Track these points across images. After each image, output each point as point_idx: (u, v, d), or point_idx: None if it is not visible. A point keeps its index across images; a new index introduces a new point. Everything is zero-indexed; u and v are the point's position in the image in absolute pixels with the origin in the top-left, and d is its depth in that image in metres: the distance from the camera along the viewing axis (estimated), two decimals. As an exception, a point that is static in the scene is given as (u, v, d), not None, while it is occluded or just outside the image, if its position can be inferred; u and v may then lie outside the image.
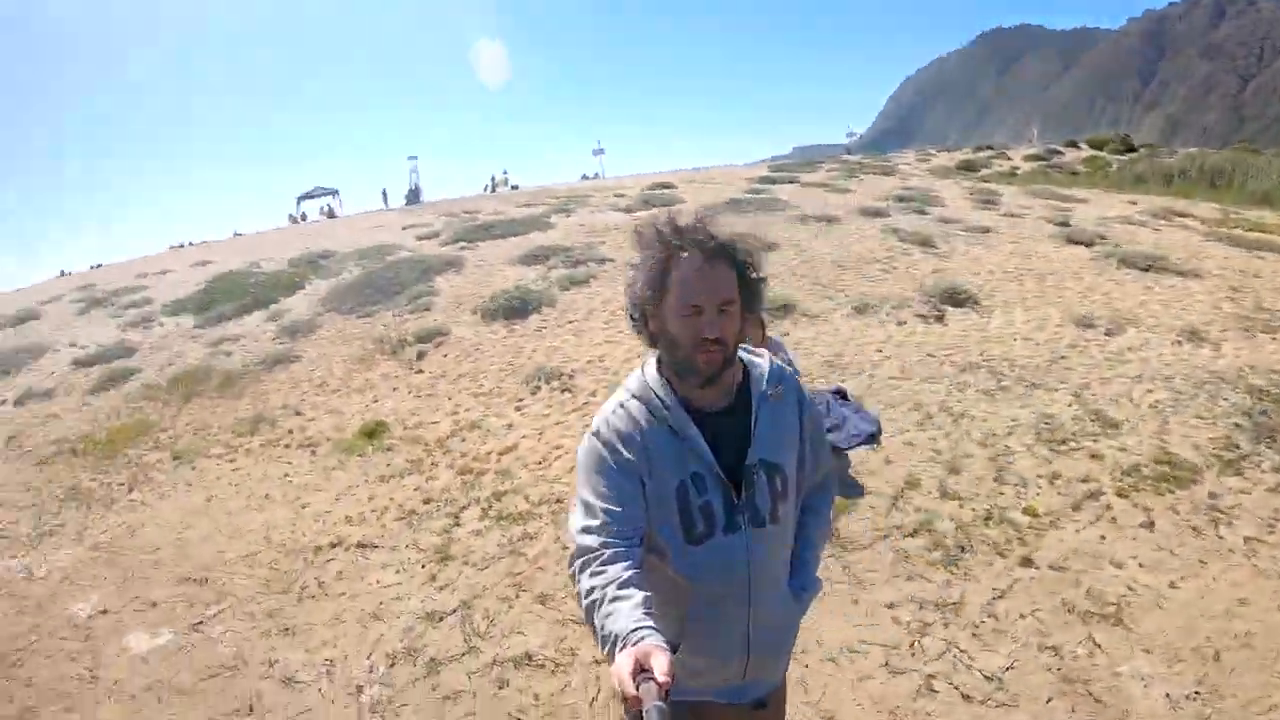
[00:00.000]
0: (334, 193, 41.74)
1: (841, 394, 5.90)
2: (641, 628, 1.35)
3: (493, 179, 38.53)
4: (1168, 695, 3.32)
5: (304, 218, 38.75)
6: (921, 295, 7.67)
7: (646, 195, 16.83)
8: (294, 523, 6.21)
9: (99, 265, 29.37)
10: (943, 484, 4.87)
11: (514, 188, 34.36)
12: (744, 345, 1.82)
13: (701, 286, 1.63)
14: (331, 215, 36.93)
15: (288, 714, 4.05)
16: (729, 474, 1.72)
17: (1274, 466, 5.08)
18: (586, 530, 1.60)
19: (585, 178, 37.33)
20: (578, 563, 1.57)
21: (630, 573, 1.50)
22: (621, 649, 1.31)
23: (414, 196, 37.51)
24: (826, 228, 11.56)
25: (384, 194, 40.32)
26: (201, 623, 5.09)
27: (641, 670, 1.24)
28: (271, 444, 7.91)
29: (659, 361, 1.78)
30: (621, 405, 1.75)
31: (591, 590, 1.49)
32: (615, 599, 1.44)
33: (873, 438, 5.36)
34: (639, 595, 1.45)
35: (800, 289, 8.31)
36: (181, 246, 32.36)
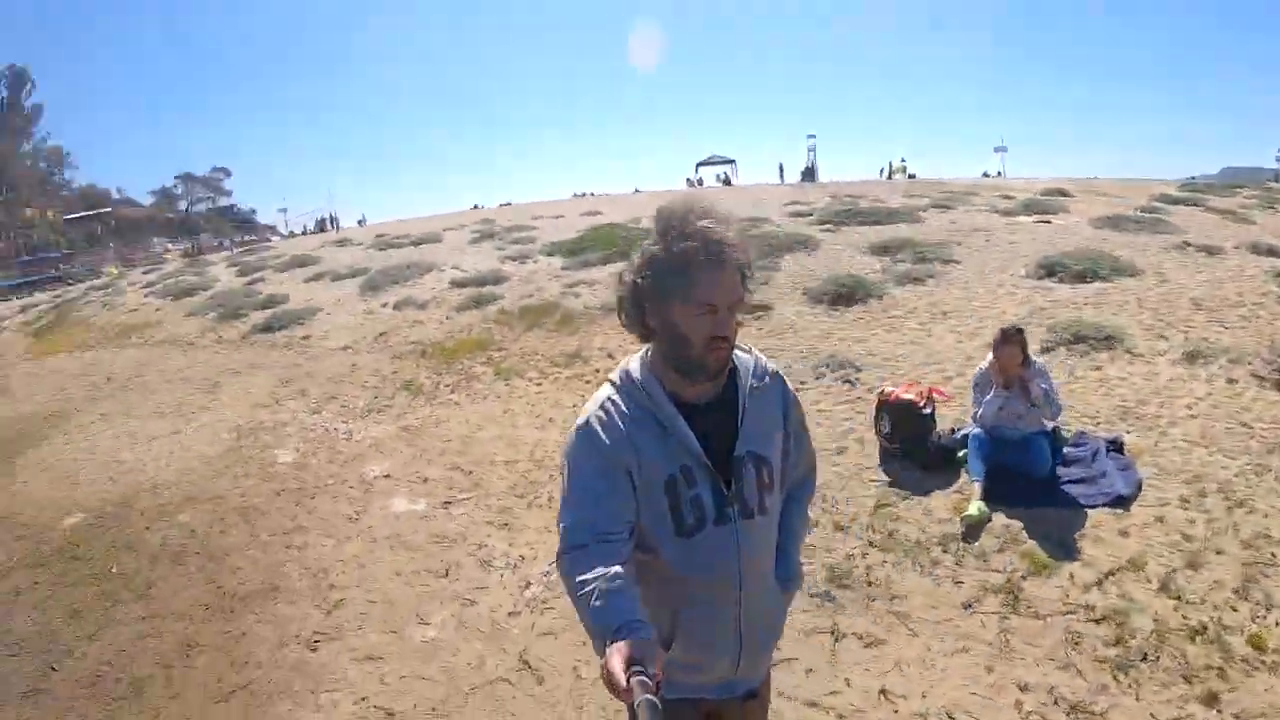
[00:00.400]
0: (731, 162, 44.36)
1: (1117, 446, 5.40)
2: (633, 621, 1.43)
3: (890, 165, 38.29)
4: None
5: (700, 183, 41.62)
6: (1270, 352, 6.55)
7: (1032, 200, 15.88)
8: (559, 443, 7.11)
9: (507, 204, 33.96)
10: (1169, 577, 4.18)
11: (911, 176, 33.69)
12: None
13: (718, 286, 1.69)
14: (727, 183, 39.21)
15: (468, 585, 4.92)
16: (717, 467, 1.78)
17: None
18: (575, 525, 1.67)
19: (985, 175, 35.52)
20: (566, 558, 1.65)
21: (620, 567, 1.57)
22: (612, 642, 1.37)
23: (809, 175, 38.48)
24: (1204, 260, 10.18)
25: (780, 168, 42.08)
26: (450, 502, 6.16)
27: (633, 663, 1.30)
28: (576, 377, 8.97)
29: (645, 356, 1.84)
30: (609, 399, 1.81)
31: (581, 584, 1.55)
32: (605, 593, 1.50)
33: (1122, 501, 4.81)
34: (629, 589, 1.53)
35: (1138, 322, 7.48)
36: (583, 195, 36.49)
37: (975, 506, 4.85)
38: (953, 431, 5.80)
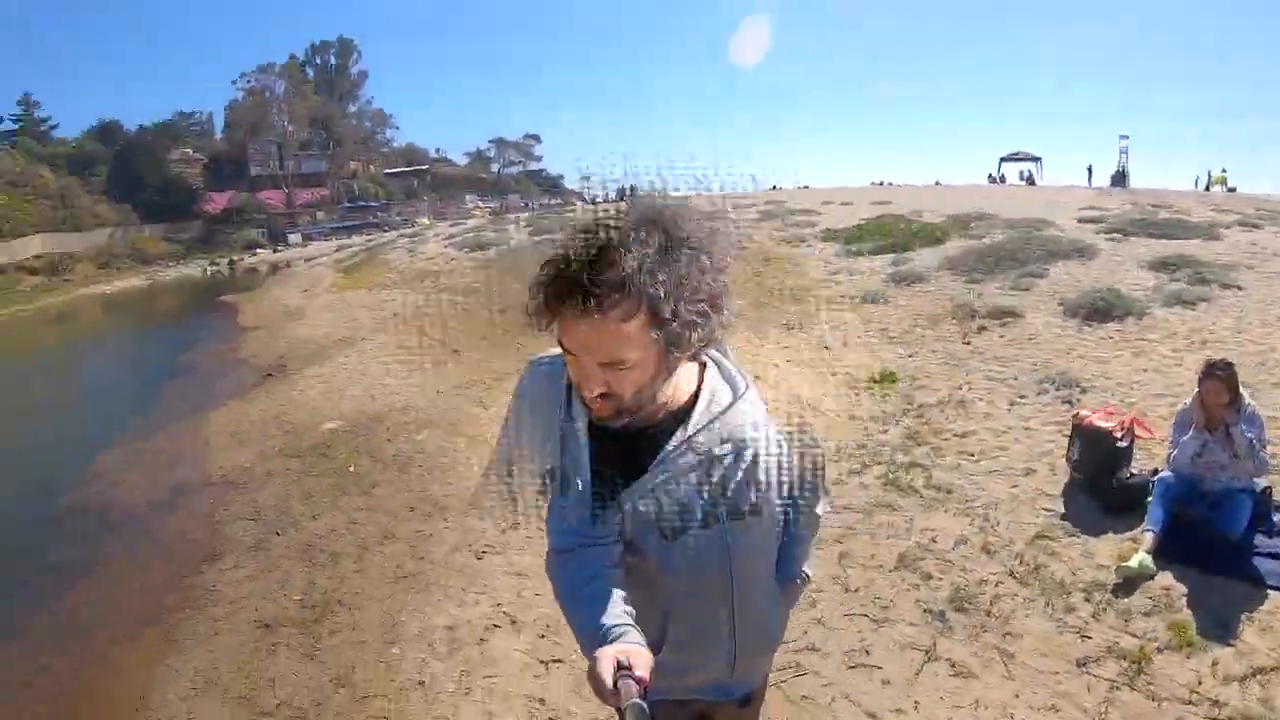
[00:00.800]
0: (1036, 159, 42.09)
1: None
2: (621, 624, 1.44)
3: (1209, 175, 34.49)
4: None
5: (1002, 179, 39.99)
6: None
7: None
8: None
9: (805, 186, 34.23)
10: (1331, 693, 3.63)
11: (1230, 190, 30.21)
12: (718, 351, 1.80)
13: None
14: (1030, 182, 37.40)
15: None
16: None
17: None
18: (563, 527, 1.66)
19: (1326, 192, 31.01)
20: (555, 559, 1.65)
21: (608, 569, 1.58)
22: (600, 646, 1.39)
23: (1119, 179, 35.27)
24: None
25: (1089, 170, 39.08)
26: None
27: (621, 667, 1.32)
28: (790, 348, 9.48)
29: None
30: None
31: (569, 586, 1.58)
32: (593, 596, 1.52)
33: None
34: (617, 592, 1.53)
35: None
36: (881, 184, 36.11)
37: (1138, 559, 4.40)
38: (1155, 472, 5.21)
